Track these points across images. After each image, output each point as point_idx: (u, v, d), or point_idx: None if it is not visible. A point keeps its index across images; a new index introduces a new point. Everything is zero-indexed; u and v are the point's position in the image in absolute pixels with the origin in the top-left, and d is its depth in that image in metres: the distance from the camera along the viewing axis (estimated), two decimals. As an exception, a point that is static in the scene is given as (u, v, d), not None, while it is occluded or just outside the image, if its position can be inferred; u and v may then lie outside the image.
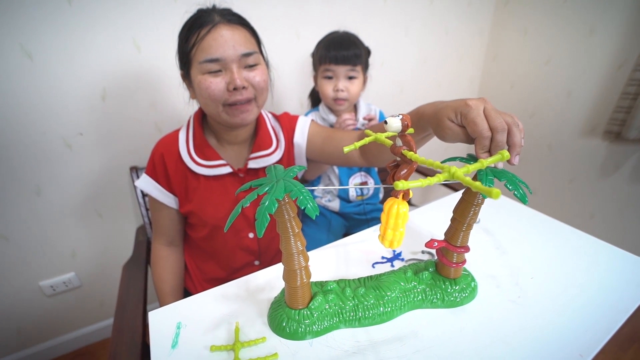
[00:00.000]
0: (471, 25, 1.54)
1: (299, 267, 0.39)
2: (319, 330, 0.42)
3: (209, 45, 0.59)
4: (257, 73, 0.63)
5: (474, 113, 0.38)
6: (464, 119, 0.39)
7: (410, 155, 0.34)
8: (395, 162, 0.39)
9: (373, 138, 0.40)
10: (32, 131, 0.88)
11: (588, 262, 0.52)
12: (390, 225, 0.35)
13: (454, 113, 0.40)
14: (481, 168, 0.30)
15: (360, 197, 1.01)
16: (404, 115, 0.35)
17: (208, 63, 0.59)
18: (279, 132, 0.77)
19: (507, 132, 0.37)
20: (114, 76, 0.93)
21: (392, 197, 0.36)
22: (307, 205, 0.31)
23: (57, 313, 1.13)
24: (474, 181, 0.24)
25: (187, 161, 0.70)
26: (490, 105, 0.39)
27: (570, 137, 1.45)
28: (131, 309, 0.65)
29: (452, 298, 0.45)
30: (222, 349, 0.41)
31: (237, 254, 0.77)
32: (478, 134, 0.37)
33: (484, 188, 0.23)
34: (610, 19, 1.23)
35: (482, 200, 0.40)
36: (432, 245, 0.44)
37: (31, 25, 0.80)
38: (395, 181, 0.26)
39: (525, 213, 0.67)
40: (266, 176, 0.37)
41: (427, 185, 0.26)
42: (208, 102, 0.63)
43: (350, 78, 0.88)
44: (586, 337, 0.40)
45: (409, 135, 0.35)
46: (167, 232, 0.78)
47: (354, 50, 0.86)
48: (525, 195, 0.36)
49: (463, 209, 0.41)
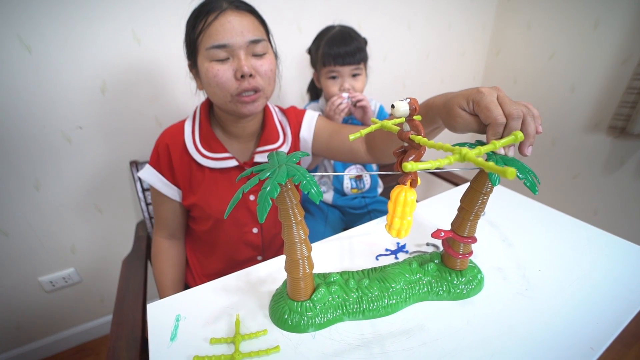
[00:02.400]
0: (474, 19, 1.53)
1: (301, 257, 0.38)
2: (322, 323, 0.41)
3: (216, 31, 0.58)
4: (265, 62, 0.62)
5: (488, 99, 0.37)
6: (477, 106, 0.38)
7: (418, 140, 0.33)
8: (402, 148, 0.38)
9: (379, 125, 0.39)
10: (31, 125, 0.87)
11: (596, 254, 0.51)
12: (397, 213, 0.34)
13: (466, 101, 0.39)
14: (493, 149, 0.29)
15: (356, 190, 0.99)
16: (412, 98, 0.33)
17: (215, 49, 0.58)
18: (286, 126, 0.77)
19: (521, 121, 0.36)
20: (114, 69, 0.92)
21: (399, 184, 0.35)
22: (310, 190, 0.30)
23: (56, 309, 1.12)
24: (486, 162, 0.23)
25: (193, 152, 0.69)
26: (504, 93, 0.38)
27: (574, 133, 1.43)
28: (131, 304, 0.65)
29: (458, 290, 0.44)
30: (222, 341, 0.40)
31: (240, 248, 0.76)
32: (492, 119, 0.36)
33: (498, 168, 0.22)
34: (614, 12, 1.21)
35: (490, 188, 0.39)
36: (438, 236, 0.43)
37: (30, 17, 0.79)
38: (404, 163, 0.25)
39: (531, 206, 0.66)
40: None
41: (437, 167, 0.25)
42: (216, 91, 0.62)
43: (354, 75, 0.87)
44: (597, 330, 0.39)
45: (416, 120, 0.34)
46: (168, 225, 0.77)
47: (357, 46, 0.84)
48: (535, 184, 0.35)
49: (471, 198, 0.39)
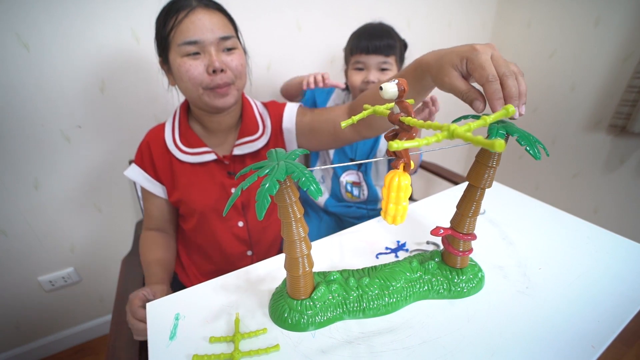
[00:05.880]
0: (474, 17, 1.52)
1: (300, 255, 0.37)
2: (322, 322, 0.41)
3: (187, 28, 0.60)
4: (235, 57, 0.64)
5: (482, 57, 0.35)
6: (470, 64, 0.36)
7: (408, 121, 0.32)
8: (393, 132, 0.37)
9: (372, 111, 0.37)
10: (29, 124, 0.87)
11: (596, 252, 0.51)
12: (392, 199, 0.34)
13: (459, 58, 0.37)
14: (484, 125, 0.28)
15: (350, 195, 0.96)
16: (400, 79, 0.33)
17: (187, 45, 0.60)
18: (266, 118, 0.77)
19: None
20: (113, 68, 0.91)
21: (392, 169, 0.35)
22: (309, 187, 0.30)
23: (56, 308, 1.12)
24: (475, 136, 0.22)
25: (172, 149, 0.71)
26: (498, 52, 0.37)
27: (575, 131, 1.43)
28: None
29: (458, 288, 0.44)
30: (222, 340, 0.39)
31: (229, 243, 0.77)
32: (484, 79, 0.34)
33: (486, 141, 0.21)
34: (615, 10, 1.21)
35: (497, 162, 0.37)
36: (437, 233, 0.42)
37: (28, 15, 0.78)
38: (390, 142, 0.24)
39: (531, 204, 0.65)
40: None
41: (425, 144, 0.24)
42: (188, 86, 0.64)
43: (382, 70, 0.82)
44: (598, 328, 0.38)
45: (406, 102, 0.34)
46: (156, 221, 0.78)
47: (387, 40, 0.80)
48: (538, 151, 0.34)
49: (477, 171, 0.38)
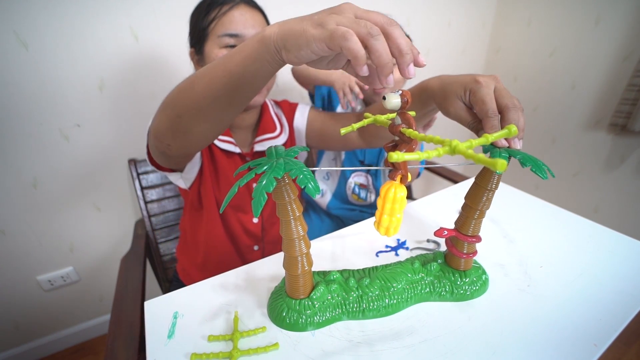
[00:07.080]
0: (474, 16, 1.52)
1: (300, 254, 0.37)
2: (321, 322, 0.40)
3: (229, 21, 0.60)
4: None
5: (484, 91, 0.36)
6: (472, 96, 0.37)
7: (409, 133, 0.32)
8: (393, 143, 0.37)
9: (372, 120, 0.38)
10: (28, 122, 0.87)
11: (598, 250, 0.51)
12: (386, 210, 0.33)
13: (463, 89, 0.38)
14: (485, 143, 0.28)
15: (356, 197, 0.95)
16: (404, 91, 0.32)
17: (227, 37, 0.60)
18: (282, 117, 0.79)
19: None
20: (112, 66, 0.91)
21: (389, 180, 0.34)
22: (307, 185, 0.29)
23: (55, 308, 1.12)
24: (476, 154, 0.22)
25: None
26: (502, 84, 0.37)
27: (575, 130, 1.43)
28: (129, 303, 0.64)
29: (461, 291, 0.43)
30: (221, 338, 0.39)
31: (238, 237, 0.77)
32: (484, 113, 0.35)
33: (488, 160, 0.21)
34: (615, 9, 1.21)
35: (496, 185, 0.37)
36: (441, 234, 0.42)
37: (26, 13, 0.78)
38: (390, 153, 0.24)
39: (532, 202, 0.65)
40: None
41: (426, 158, 0.24)
42: None
43: None
44: (600, 326, 0.38)
45: (408, 113, 0.34)
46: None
47: None
48: (545, 173, 0.33)
49: (476, 194, 0.38)
